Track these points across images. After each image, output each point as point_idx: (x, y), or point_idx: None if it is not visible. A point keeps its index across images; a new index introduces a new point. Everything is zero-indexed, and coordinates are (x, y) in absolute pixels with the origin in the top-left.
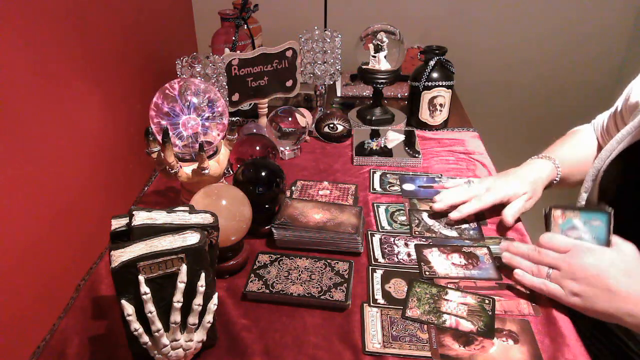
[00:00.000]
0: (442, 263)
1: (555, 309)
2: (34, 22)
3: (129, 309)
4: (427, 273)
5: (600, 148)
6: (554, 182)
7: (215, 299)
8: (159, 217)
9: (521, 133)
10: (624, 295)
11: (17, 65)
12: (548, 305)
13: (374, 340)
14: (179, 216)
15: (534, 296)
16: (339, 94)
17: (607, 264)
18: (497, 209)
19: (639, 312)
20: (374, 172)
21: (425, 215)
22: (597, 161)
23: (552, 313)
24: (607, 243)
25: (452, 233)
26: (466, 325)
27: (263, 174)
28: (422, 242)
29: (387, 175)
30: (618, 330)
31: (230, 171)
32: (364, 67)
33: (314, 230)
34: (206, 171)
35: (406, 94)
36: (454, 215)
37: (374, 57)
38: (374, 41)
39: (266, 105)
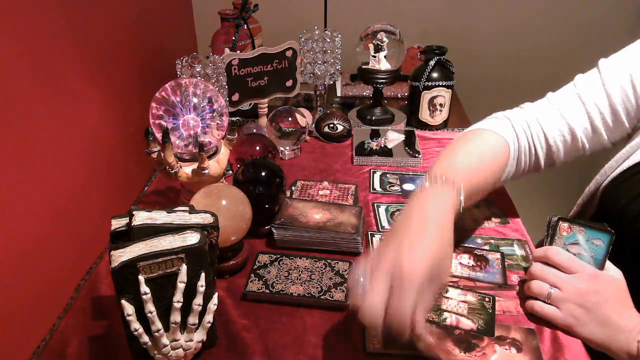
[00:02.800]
0: None
1: None
2: (33, 22)
3: (129, 309)
4: None
5: (520, 160)
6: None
7: (215, 299)
8: (159, 217)
9: None
10: (617, 326)
11: (16, 65)
12: None
13: (374, 341)
14: (179, 216)
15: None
16: (339, 94)
17: (609, 292)
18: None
19: (624, 342)
20: (374, 172)
21: None
22: (599, 176)
23: None
24: (602, 265)
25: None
26: (466, 323)
27: (263, 174)
28: None
29: (387, 175)
30: None
31: (231, 171)
32: (364, 67)
33: (314, 230)
34: (206, 171)
35: (406, 94)
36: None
37: (374, 57)
38: (374, 41)
39: (266, 105)
